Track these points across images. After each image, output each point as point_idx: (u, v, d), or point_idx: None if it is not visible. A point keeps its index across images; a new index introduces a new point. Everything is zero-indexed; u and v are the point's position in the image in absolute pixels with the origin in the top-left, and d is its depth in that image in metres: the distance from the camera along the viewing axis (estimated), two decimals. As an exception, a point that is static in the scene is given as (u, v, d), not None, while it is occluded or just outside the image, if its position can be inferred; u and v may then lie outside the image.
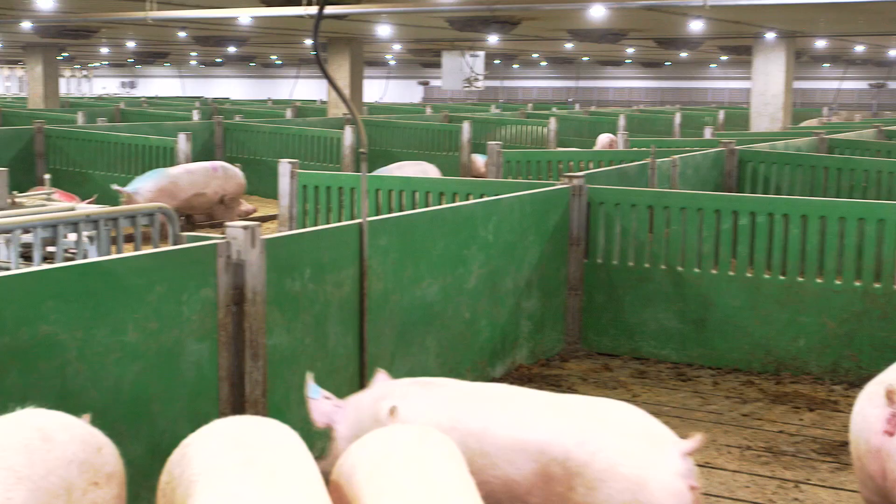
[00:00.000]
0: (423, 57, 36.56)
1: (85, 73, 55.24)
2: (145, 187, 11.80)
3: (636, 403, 6.71)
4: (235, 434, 3.29)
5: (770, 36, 20.96)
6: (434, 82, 48.16)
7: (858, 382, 7.19)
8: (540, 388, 7.02)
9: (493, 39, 23.87)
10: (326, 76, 5.73)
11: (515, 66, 53.13)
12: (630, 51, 34.73)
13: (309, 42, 27.20)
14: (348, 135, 15.91)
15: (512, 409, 3.93)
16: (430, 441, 3.36)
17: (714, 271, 7.68)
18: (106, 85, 57.87)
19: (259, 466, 3.03)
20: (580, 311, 8.02)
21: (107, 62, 48.88)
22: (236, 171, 12.80)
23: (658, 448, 3.66)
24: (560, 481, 3.72)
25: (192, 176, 12.34)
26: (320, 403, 4.25)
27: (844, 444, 6.07)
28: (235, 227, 4.94)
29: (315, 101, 35.65)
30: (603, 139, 19.31)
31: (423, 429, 3.51)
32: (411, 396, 4.11)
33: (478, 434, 3.86)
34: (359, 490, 3.15)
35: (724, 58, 36.20)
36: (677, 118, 22.04)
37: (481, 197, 7.66)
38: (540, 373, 7.44)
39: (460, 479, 3.15)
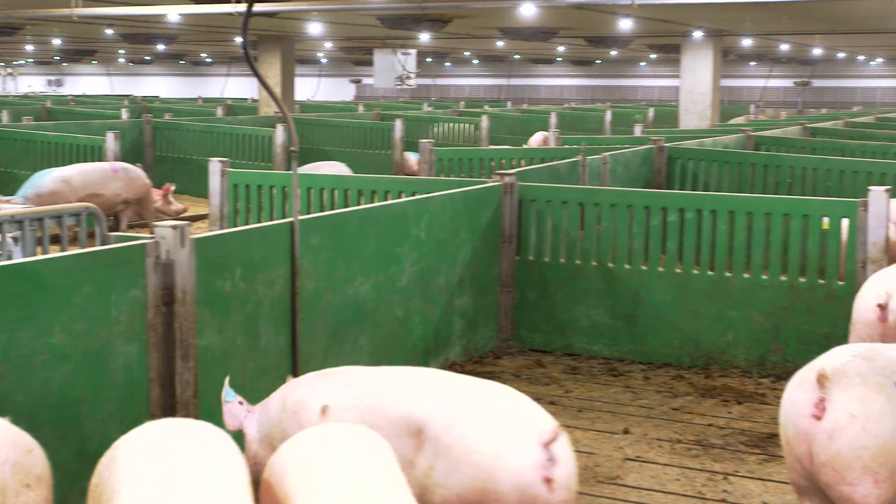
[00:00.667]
0: (354, 55, 36.45)
1: (9, 70, 54.22)
2: (32, 193, 11.44)
3: (568, 399, 6.82)
4: (163, 439, 3.26)
5: (698, 34, 21.23)
6: (366, 80, 48.06)
7: (785, 375, 7.30)
8: (473, 385, 7.06)
9: (424, 37, 23.90)
10: (256, 74, 5.69)
11: (447, 64, 53.19)
12: (561, 49, 34.96)
13: (239, 40, 27.00)
14: (280, 133, 15.81)
15: (402, 389, 4.07)
16: (360, 439, 3.37)
17: (644, 267, 7.76)
18: (31, 83, 56.83)
19: (183, 475, 3.02)
20: (513, 307, 8.06)
21: (32, 60, 48.02)
22: (140, 174, 12.46)
23: (516, 438, 3.73)
24: (429, 460, 3.87)
25: (85, 176, 11.94)
26: (232, 407, 4.46)
27: (772, 435, 6.18)
28: (164, 227, 4.89)
29: (246, 99, 35.36)
30: (537, 137, 19.42)
31: (353, 427, 3.52)
32: (315, 384, 4.29)
33: (373, 410, 4.02)
34: (289, 490, 3.13)
35: (653, 56, 36.62)
36: (608, 116, 22.23)
37: (413, 195, 7.66)
38: (473, 370, 7.46)
39: (391, 477, 3.15)
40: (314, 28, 22.85)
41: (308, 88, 41.53)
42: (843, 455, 4.00)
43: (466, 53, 41.78)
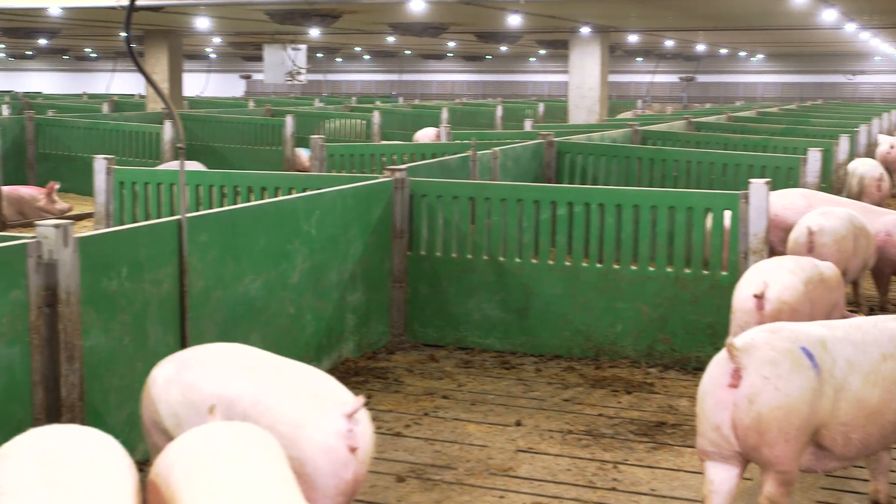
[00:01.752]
0: (244, 50, 36.05)
1: None
2: None
3: (461, 392, 6.86)
4: (45, 448, 3.19)
5: (585, 31, 21.52)
6: (256, 76, 47.55)
7: (672, 364, 7.49)
8: (367, 380, 7.06)
9: (314, 33, 23.72)
10: (140, 69, 5.60)
11: (339, 59, 52.93)
12: (451, 44, 35.08)
13: (124, 34, 26.45)
14: (167, 130, 15.54)
15: (217, 367, 4.24)
16: (248, 437, 3.35)
17: (534, 261, 7.85)
18: None
19: (63, 485, 2.97)
20: (405, 303, 8.08)
21: None
22: None
23: (318, 409, 3.95)
24: None
25: None
26: None
27: (660, 424, 6.32)
28: (46, 227, 4.78)
29: (133, 95, 34.69)
30: (427, 132, 19.46)
31: (240, 425, 3.50)
32: (166, 365, 4.41)
33: (191, 386, 4.21)
34: (176, 490, 3.10)
35: (542, 52, 37.03)
36: (499, 111, 22.39)
37: (304, 191, 7.62)
38: (367, 366, 7.46)
39: (278, 474, 3.14)
40: (202, 23, 22.50)
41: (197, 84, 40.92)
42: (763, 416, 4.32)
43: (357, 49, 41.64)
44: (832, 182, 11.97)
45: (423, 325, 8.07)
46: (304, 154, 17.41)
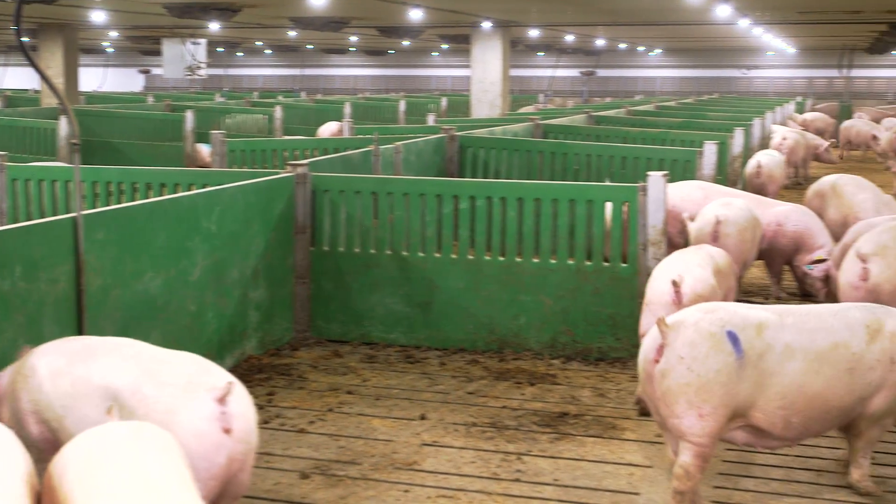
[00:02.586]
0: (142, 44, 35.41)
1: None
2: None
3: (366, 388, 6.85)
4: None
5: (487, 25, 21.62)
6: (155, 70, 46.80)
7: (574, 356, 7.59)
8: (270, 377, 7.02)
9: (214, 27, 23.43)
10: (32, 63, 5.47)
11: (240, 53, 52.36)
12: (353, 39, 34.96)
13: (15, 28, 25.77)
14: (63, 125, 15.21)
15: (104, 360, 4.29)
16: (145, 437, 3.31)
17: (438, 255, 7.87)
18: None
19: None
20: (309, 299, 8.03)
21: None
22: None
23: (190, 395, 4.07)
24: None
25: None
26: None
27: (563, 414, 6.39)
28: (-65, 225, 4.64)
29: (27, 90, 33.82)
30: (329, 127, 19.36)
31: (137, 425, 3.47)
32: (46, 350, 4.43)
33: (84, 378, 4.26)
34: (70, 491, 3.04)
35: (445, 46, 37.08)
36: (402, 105, 22.39)
37: (204, 187, 7.52)
38: (270, 363, 7.40)
39: (175, 473, 3.11)
40: (97, 16, 22.04)
41: (94, 79, 40.10)
42: (671, 390, 4.71)
43: (259, 43, 41.22)
44: (728, 174, 12.23)
45: (327, 320, 8.04)
46: (204, 150, 17.19)
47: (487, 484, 5.40)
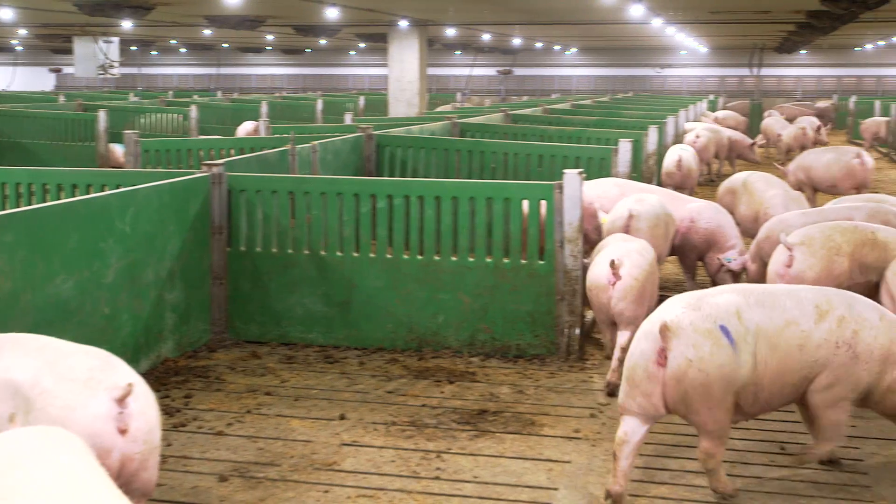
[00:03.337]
0: (53, 42, 34.75)
1: None
2: None
3: (285, 388, 6.81)
4: None
5: (403, 24, 21.64)
6: (67, 69, 45.90)
7: (493, 353, 7.63)
8: (187, 380, 6.94)
9: (126, 25, 23.08)
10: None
11: (154, 52, 51.68)
12: (270, 38, 34.73)
13: (-79, 26, 25.11)
14: (-30, 126, 14.85)
15: (11, 352, 4.24)
16: (56, 440, 3.26)
17: (356, 254, 7.86)
18: None
19: None
20: (226, 300, 7.96)
21: None
22: None
23: (88, 392, 4.05)
24: (25, 416, 4.07)
25: None
26: None
27: (482, 412, 6.42)
28: None
29: (-68, 89, 32.97)
30: (246, 126, 19.20)
31: (47, 429, 3.42)
32: None
33: None
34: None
35: (362, 45, 37.03)
36: (319, 105, 22.28)
37: (118, 188, 7.41)
38: (187, 365, 7.32)
39: (89, 476, 3.07)
40: (5, 13, 21.59)
41: (2, 78, 39.24)
42: (689, 394, 4.95)
43: (173, 42, 40.73)
44: (642, 171, 12.39)
45: (245, 321, 7.97)
46: (118, 150, 16.93)
47: (407, 483, 5.40)
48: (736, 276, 9.10)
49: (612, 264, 6.83)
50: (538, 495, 5.26)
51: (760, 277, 8.23)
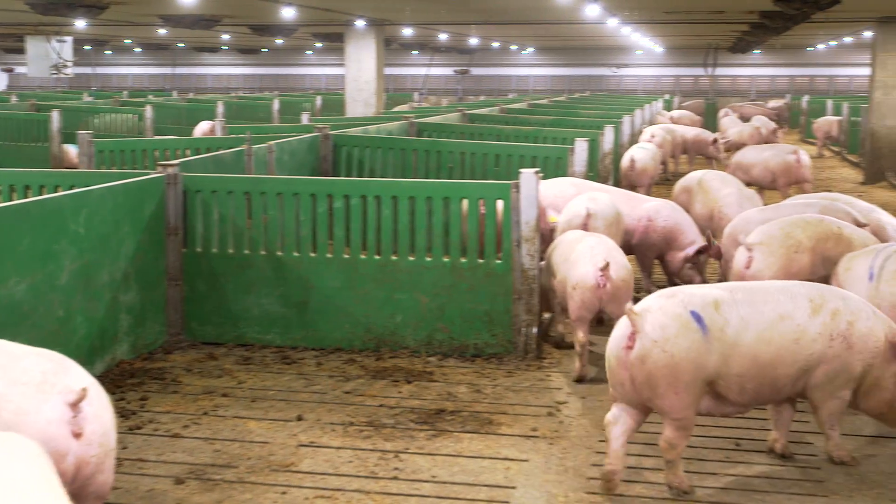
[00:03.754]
0: (5, 42, 34.31)
1: None
2: None
3: (242, 390, 6.78)
4: None
5: (360, 24, 21.58)
6: (19, 69, 45.36)
7: (451, 352, 7.64)
8: (143, 382, 6.89)
9: (80, 24, 22.84)
10: None
11: (108, 52, 51.19)
12: (226, 37, 34.51)
13: None
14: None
15: None
16: (9, 446, 3.23)
17: (313, 254, 7.83)
18: None
19: None
20: (182, 301, 7.91)
21: None
22: None
23: (41, 395, 4.00)
24: None
25: None
26: None
27: (440, 411, 6.43)
28: None
29: None
30: (202, 126, 19.07)
31: (2, 435, 3.37)
32: None
33: None
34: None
35: (318, 45, 36.88)
36: (276, 105, 22.17)
37: (71, 189, 7.34)
38: (143, 367, 7.26)
39: (42, 480, 3.04)
40: (-44, 13, 21.29)
41: (-47, 78, 38.71)
42: (652, 374, 5.05)
43: (128, 41, 40.37)
44: (599, 170, 12.45)
45: (202, 323, 7.92)
46: (72, 150, 16.75)
47: (365, 483, 5.39)
48: (702, 273, 9.17)
49: (602, 269, 6.94)
50: (496, 494, 5.28)
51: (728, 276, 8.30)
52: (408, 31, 28.24)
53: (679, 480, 5.23)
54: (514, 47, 46.45)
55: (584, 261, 7.11)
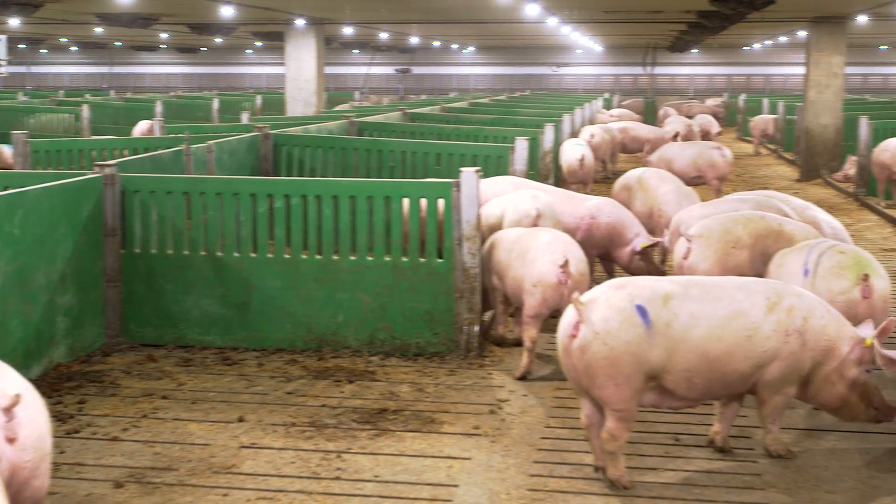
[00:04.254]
0: (-64, 40, 33.66)
1: None
2: None
3: (182, 392, 6.72)
4: None
5: (300, 23, 21.47)
6: (-49, 68, 44.52)
7: (393, 352, 7.63)
8: (81, 385, 6.81)
9: (14, 22, 22.48)
10: None
11: (43, 50, 50.45)
12: (164, 36, 34.16)
13: None
14: None
15: None
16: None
17: (254, 254, 7.79)
18: None
19: None
20: (120, 303, 7.82)
21: None
22: None
23: None
24: None
25: None
26: None
27: (382, 411, 6.43)
28: None
29: None
30: (141, 126, 18.85)
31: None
32: None
33: None
34: None
35: (258, 44, 36.71)
36: (215, 104, 22.00)
37: (6, 189, 7.22)
38: (81, 370, 7.17)
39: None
40: None
41: None
42: (591, 365, 5.12)
43: (64, 40, 39.84)
44: (539, 169, 12.51)
45: (141, 324, 7.84)
46: (6, 151, 16.46)
47: (308, 484, 5.37)
48: (650, 263, 9.23)
49: (563, 266, 7.03)
50: (438, 493, 5.28)
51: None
52: (348, 30, 28.17)
53: (619, 474, 5.28)
54: (455, 46, 46.53)
55: (543, 258, 7.14)
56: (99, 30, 29.71)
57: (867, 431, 6.02)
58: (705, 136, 22.82)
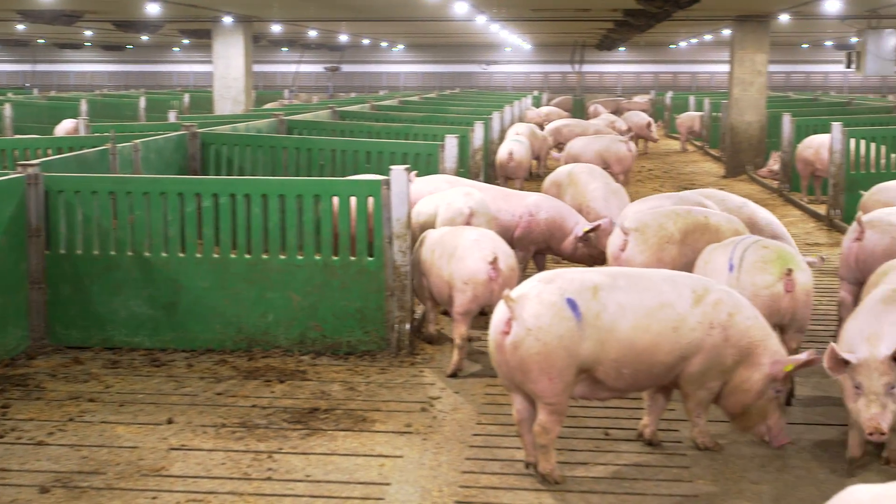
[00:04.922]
0: None
1: None
2: None
3: (109, 394, 6.64)
4: None
5: (228, 20, 21.27)
6: None
7: (324, 351, 7.60)
8: (4, 389, 6.68)
9: (-68, 19, 21.98)
10: None
11: (-37, 48, 49.40)
12: (88, 33, 33.64)
13: None
14: None
15: None
16: None
17: (182, 254, 7.71)
18: None
19: None
20: (45, 304, 7.69)
21: None
22: None
23: None
24: None
25: None
26: None
27: (314, 410, 6.40)
28: None
29: None
30: (66, 125, 18.55)
31: None
32: None
33: None
34: None
35: (186, 41, 36.30)
36: (142, 102, 21.71)
37: (-76, 191, 7.06)
38: (5, 373, 7.03)
39: None
40: None
41: None
42: (524, 361, 5.15)
43: (-16, 37, 39.00)
44: (469, 167, 12.55)
45: (66, 326, 7.72)
46: (-75, 151, 16.09)
47: (239, 485, 5.33)
48: (593, 248, 9.24)
49: (492, 262, 7.08)
50: (370, 491, 5.28)
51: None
52: (277, 28, 27.99)
53: (551, 468, 5.32)
54: (384, 44, 46.47)
55: (473, 256, 7.17)
56: (21, 27, 29.17)
57: (790, 423, 6.13)
58: (640, 133, 23.11)
